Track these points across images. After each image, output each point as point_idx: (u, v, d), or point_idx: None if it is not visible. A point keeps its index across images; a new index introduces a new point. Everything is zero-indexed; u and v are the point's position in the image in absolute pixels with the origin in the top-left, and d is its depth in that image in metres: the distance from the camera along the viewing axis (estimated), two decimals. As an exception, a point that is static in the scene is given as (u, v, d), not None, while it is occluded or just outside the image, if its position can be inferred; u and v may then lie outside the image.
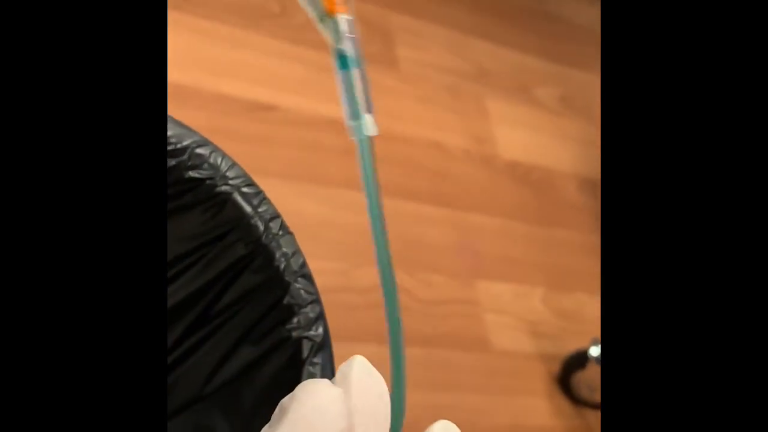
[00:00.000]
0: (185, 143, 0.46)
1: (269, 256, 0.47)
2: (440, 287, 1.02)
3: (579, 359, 0.97)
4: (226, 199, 0.47)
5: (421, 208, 1.04)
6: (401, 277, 1.01)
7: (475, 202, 1.05)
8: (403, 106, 1.07)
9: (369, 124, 0.23)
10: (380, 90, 1.09)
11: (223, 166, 0.47)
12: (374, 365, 0.88)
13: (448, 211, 1.05)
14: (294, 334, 0.46)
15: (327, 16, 0.25)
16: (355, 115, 0.23)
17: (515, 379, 1.02)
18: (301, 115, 1.00)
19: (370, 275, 0.97)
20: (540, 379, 1.02)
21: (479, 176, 1.06)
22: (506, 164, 1.08)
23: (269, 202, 0.48)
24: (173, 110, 0.44)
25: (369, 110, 0.24)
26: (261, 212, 0.47)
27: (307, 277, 0.47)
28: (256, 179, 0.47)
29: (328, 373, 0.46)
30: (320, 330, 0.47)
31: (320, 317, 0.47)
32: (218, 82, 0.96)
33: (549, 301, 1.02)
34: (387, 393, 0.21)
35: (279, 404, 0.21)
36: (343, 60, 0.25)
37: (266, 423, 0.47)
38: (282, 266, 0.47)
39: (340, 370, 0.21)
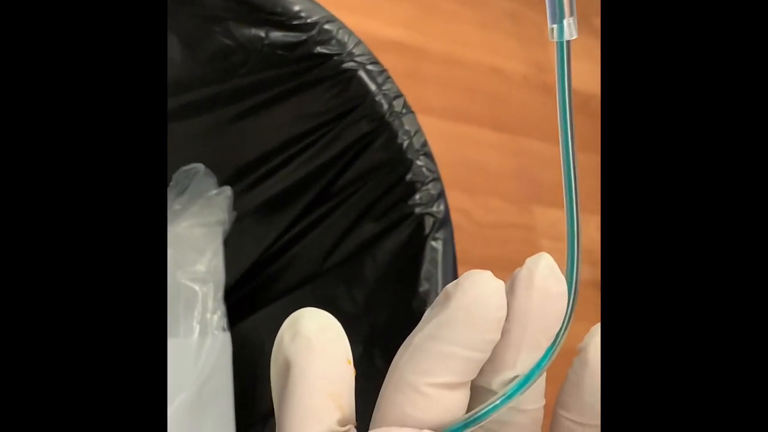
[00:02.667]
0: (315, 18, 0.47)
1: (392, 134, 0.48)
2: (498, 211, 1.03)
3: (634, 285, 0.99)
4: (351, 76, 0.47)
5: (481, 133, 1.04)
6: (461, 199, 1.02)
7: (534, 129, 1.05)
8: (463, 30, 1.07)
9: (570, 28, 0.23)
10: (439, 13, 1.09)
11: (350, 43, 0.47)
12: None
13: (508, 137, 1.05)
14: (416, 210, 0.47)
15: None
16: (558, 18, 0.23)
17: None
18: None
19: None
20: (593, 306, 1.03)
21: (538, 103, 1.06)
22: (565, 92, 1.08)
23: (393, 81, 0.48)
24: None
25: (572, 13, 0.23)
26: (385, 90, 0.48)
27: (429, 156, 0.48)
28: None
29: (450, 248, 0.47)
30: (442, 207, 0.48)
31: (441, 194, 0.48)
32: None
33: (604, 229, 1.03)
34: (566, 295, 0.21)
35: (444, 290, 0.21)
36: None
37: (388, 295, 0.49)
38: (405, 144, 0.48)
39: (527, 264, 0.21)
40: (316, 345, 0.21)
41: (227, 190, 0.50)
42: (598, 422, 0.21)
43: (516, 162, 1.05)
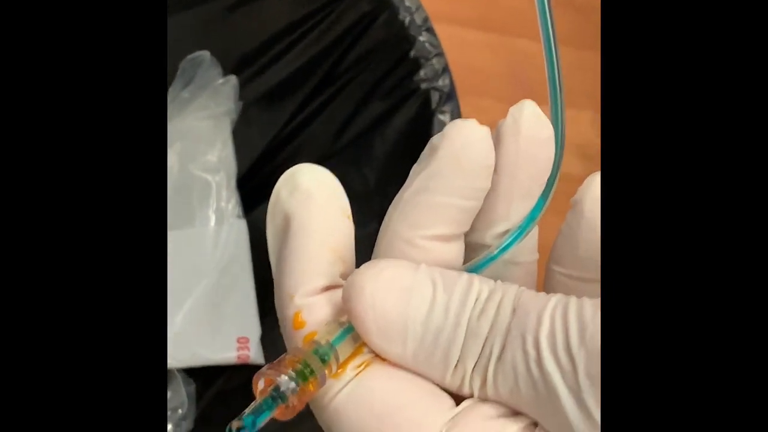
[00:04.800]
0: None
1: (393, 12, 0.48)
2: (490, 112, 1.03)
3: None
4: (349, -45, 0.47)
5: (469, 34, 1.04)
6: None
7: (523, 28, 1.05)
8: (447, -69, 1.06)
9: None
10: None
11: None
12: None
13: (496, 37, 1.05)
14: (422, 86, 0.48)
15: None
16: None
17: (565, 200, 1.05)
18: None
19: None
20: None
21: (526, 2, 1.06)
22: (551, -11, 1.07)
23: (391, -42, 0.48)
24: None
25: None
26: (384, -33, 0.48)
27: (431, 31, 0.49)
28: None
29: (456, 121, 0.48)
30: (447, 81, 0.48)
31: (446, 69, 0.49)
32: None
33: (597, 124, 1.04)
34: (552, 138, 0.21)
35: (429, 142, 0.20)
36: None
37: (399, 172, 0.49)
38: (406, 21, 0.48)
39: (511, 113, 0.21)
40: (316, 198, 0.20)
41: (233, 79, 0.50)
42: (592, 275, 0.21)
43: (506, 62, 1.05)
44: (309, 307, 0.20)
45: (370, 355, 0.19)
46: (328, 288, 0.20)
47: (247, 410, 0.17)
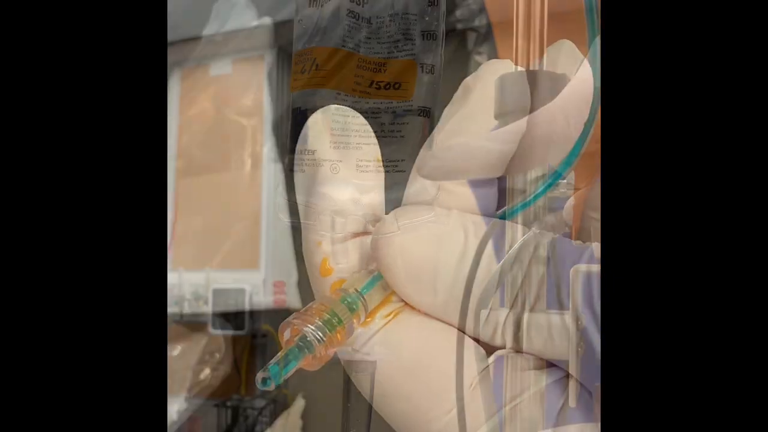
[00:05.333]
0: None
1: (430, -51, 0.47)
2: (527, 54, 1.02)
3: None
4: None
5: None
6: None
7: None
8: None
9: None
10: None
11: None
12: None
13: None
14: (458, 26, 0.47)
15: None
16: None
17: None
18: None
19: None
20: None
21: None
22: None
23: None
24: None
25: None
26: None
27: (468, -30, 0.47)
28: None
29: (494, 62, 0.47)
30: (484, 21, 0.47)
31: (482, 9, 0.47)
32: None
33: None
34: (591, 78, 0.19)
35: (462, 83, 0.19)
36: None
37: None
38: (443, -41, 0.47)
39: (548, 53, 0.19)
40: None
41: (267, 21, 0.49)
42: None
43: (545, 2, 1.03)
44: (337, 254, 0.19)
45: (400, 304, 0.19)
46: (357, 235, 0.19)
47: (273, 360, 0.16)
